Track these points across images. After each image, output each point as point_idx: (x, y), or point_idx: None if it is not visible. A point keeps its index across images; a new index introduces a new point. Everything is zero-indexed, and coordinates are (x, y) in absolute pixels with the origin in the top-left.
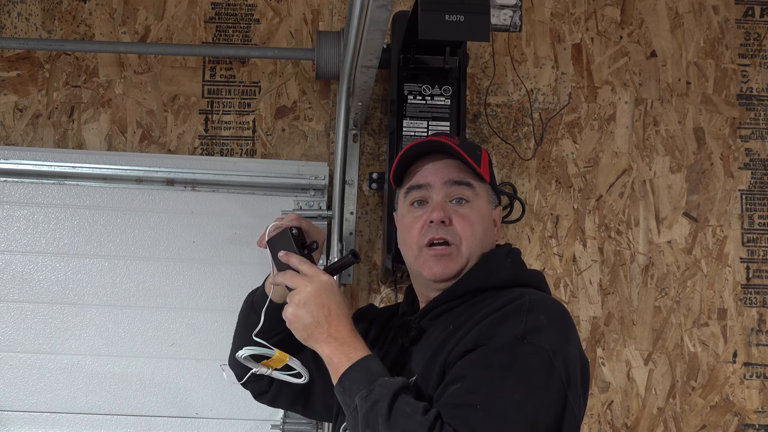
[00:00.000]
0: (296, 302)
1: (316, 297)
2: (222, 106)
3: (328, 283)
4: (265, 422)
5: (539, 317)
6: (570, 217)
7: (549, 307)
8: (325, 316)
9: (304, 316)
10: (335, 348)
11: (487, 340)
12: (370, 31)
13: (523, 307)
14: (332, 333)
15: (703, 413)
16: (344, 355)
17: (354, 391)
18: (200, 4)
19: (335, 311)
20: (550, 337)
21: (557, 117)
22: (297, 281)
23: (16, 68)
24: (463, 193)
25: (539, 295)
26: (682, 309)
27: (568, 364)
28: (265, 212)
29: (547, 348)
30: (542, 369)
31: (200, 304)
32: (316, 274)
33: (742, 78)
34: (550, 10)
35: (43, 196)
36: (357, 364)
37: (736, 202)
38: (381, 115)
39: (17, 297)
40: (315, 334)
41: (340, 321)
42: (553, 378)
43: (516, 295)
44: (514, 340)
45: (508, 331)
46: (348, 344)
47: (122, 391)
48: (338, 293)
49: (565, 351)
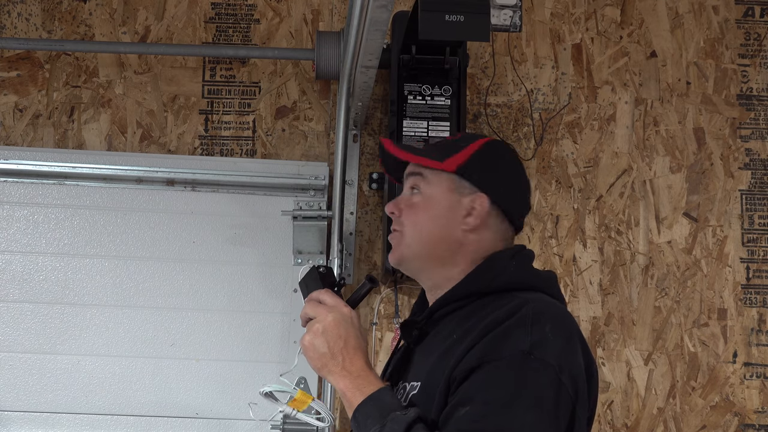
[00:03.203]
0: (314, 331)
1: (335, 328)
2: (222, 106)
3: (348, 316)
4: (265, 422)
5: (544, 329)
6: (570, 217)
7: (553, 317)
8: (341, 348)
9: (320, 345)
10: (349, 381)
11: (492, 356)
12: (370, 31)
13: (527, 319)
14: (346, 366)
15: (703, 413)
16: (358, 389)
17: (368, 426)
18: (200, 4)
19: (352, 344)
20: (556, 351)
21: (557, 117)
22: (318, 310)
23: (16, 68)
24: (415, 183)
25: (542, 304)
26: (682, 309)
27: (576, 377)
28: (265, 212)
29: (554, 364)
30: (551, 387)
31: (200, 304)
32: (338, 305)
33: (742, 78)
34: (550, 10)
35: (43, 196)
36: (370, 398)
37: (736, 202)
38: (381, 115)
39: (17, 297)
40: (329, 365)
41: (356, 354)
42: (562, 395)
43: (518, 305)
44: (521, 357)
45: (513, 346)
46: (362, 377)
47: (122, 391)
48: (357, 327)
49: (572, 364)
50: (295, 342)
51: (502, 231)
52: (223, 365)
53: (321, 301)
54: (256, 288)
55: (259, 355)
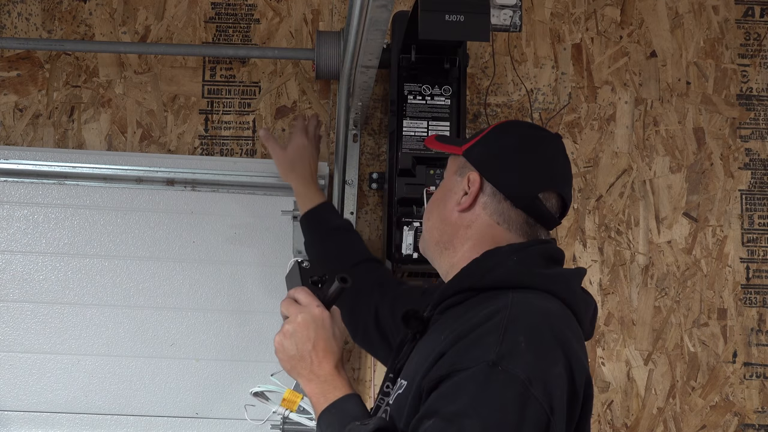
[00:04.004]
0: (284, 331)
1: (304, 329)
2: (222, 106)
3: (320, 317)
4: (265, 422)
5: (517, 338)
6: (570, 217)
7: (530, 325)
8: (309, 351)
9: (290, 347)
10: (316, 386)
11: (461, 365)
12: (370, 31)
13: (500, 325)
14: (314, 369)
15: (703, 413)
16: (323, 395)
17: None
18: (200, 4)
19: (321, 347)
20: (526, 362)
21: (557, 117)
22: (291, 310)
23: (16, 68)
24: (443, 174)
25: (522, 308)
26: (682, 309)
27: (551, 389)
28: (265, 212)
29: (522, 376)
30: (517, 401)
31: (200, 304)
32: (309, 305)
33: (742, 78)
34: (550, 10)
35: (43, 196)
36: (333, 406)
37: (736, 202)
38: (381, 115)
39: (17, 297)
40: (298, 367)
41: (325, 357)
42: (530, 409)
43: (495, 310)
44: (487, 368)
45: (481, 355)
46: (329, 382)
47: (122, 391)
48: (328, 328)
49: (547, 376)
50: None
51: (504, 213)
52: (223, 365)
53: (296, 300)
54: (256, 288)
55: (259, 355)
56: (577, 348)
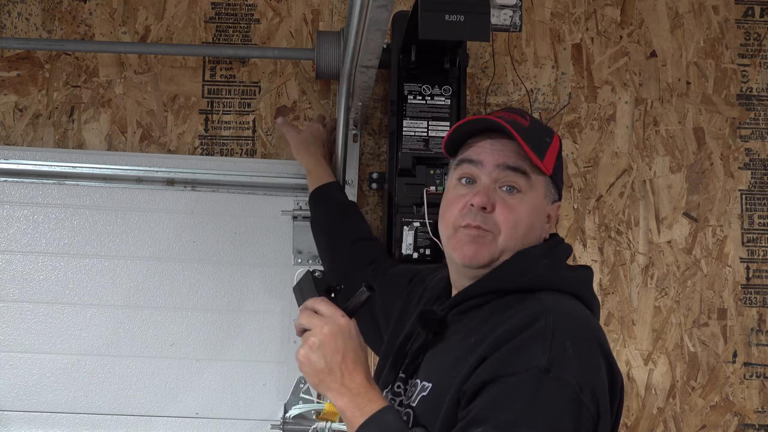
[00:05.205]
0: (310, 344)
1: (332, 341)
2: (222, 106)
3: (346, 327)
4: (265, 422)
5: (564, 344)
6: (570, 217)
7: (574, 330)
8: (339, 363)
9: (317, 360)
10: (348, 399)
11: (507, 370)
12: (370, 31)
13: (547, 331)
14: (345, 382)
15: (703, 413)
16: (358, 408)
17: None
18: (200, 4)
19: (351, 358)
20: (576, 368)
21: (557, 117)
22: (313, 321)
23: (16, 68)
24: (515, 182)
25: (563, 313)
26: (682, 309)
27: (598, 395)
28: (265, 212)
29: (573, 382)
30: (570, 407)
31: (200, 304)
32: (334, 315)
33: (742, 78)
34: (550, 10)
35: (43, 196)
36: (371, 420)
37: (736, 202)
38: (381, 115)
39: (17, 297)
40: (327, 381)
41: (356, 369)
42: (582, 416)
43: (536, 313)
44: (539, 374)
45: (531, 362)
46: (362, 395)
47: (122, 391)
48: (356, 339)
49: (594, 381)
50: (296, 342)
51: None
52: (223, 365)
53: (317, 311)
54: (256, 288)
55: (259, 355)
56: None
